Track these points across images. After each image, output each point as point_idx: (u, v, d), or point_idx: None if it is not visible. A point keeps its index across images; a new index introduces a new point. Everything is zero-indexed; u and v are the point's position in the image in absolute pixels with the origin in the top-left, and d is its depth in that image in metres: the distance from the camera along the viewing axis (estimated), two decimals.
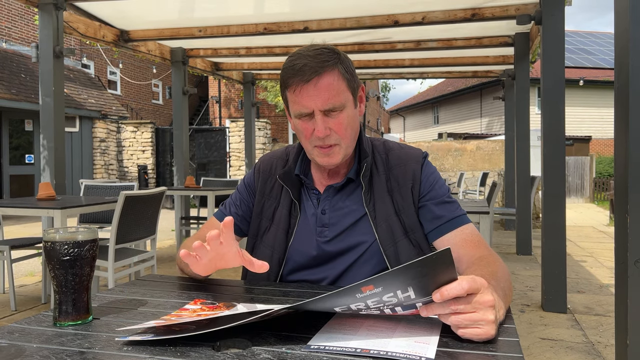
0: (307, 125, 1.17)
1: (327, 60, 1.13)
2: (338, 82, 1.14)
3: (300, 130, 1.19)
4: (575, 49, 24.09)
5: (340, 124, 1.16)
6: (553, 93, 3.80)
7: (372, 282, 0.75)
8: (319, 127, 1.14)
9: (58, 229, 0.90)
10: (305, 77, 1.12)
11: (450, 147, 12.37)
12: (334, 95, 1.13)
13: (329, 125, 1.15)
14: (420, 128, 30.48)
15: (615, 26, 2.09)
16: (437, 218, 1.21)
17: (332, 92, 1.13)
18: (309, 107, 1.14)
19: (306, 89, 1.12)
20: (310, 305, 0.80)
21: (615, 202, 2.11)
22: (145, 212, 3.38)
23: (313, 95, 1.12)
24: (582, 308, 3.88)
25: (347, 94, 1.16)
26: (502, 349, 0.75)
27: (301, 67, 1.12)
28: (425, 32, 6.17)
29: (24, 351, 0.76)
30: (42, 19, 4.83)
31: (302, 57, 1.13)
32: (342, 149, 1.19)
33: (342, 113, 1.16)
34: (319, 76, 1.12)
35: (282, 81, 1.17)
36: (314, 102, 1.13)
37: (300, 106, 1.15)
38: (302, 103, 1.14)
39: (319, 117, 1.14)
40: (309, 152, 1.22)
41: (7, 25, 13.84)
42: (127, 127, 13.15)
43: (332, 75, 1.13)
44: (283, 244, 1.26)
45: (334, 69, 1.14)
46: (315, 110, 1.14)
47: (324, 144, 1.17)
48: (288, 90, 1.16)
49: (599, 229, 8.68)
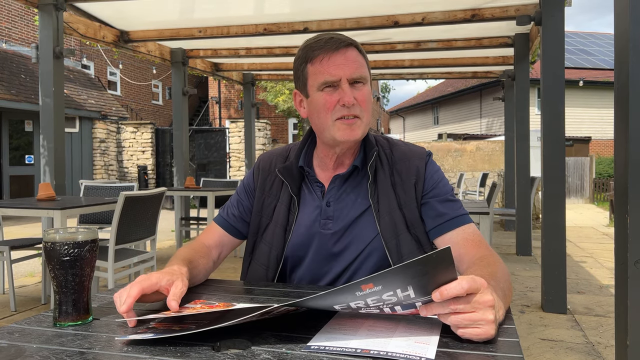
0: (331, 97, 1.18)
1: (350, 39, 1.20)
2: (360, 58, 1.20)
3: (322, 103, 1.18)
4: (575, 49, 24.11)
5: (364, 97, 1.19)
6: (553, 94, 3.80)
7: (371, 280, 0.74)
8: (347, 94, 1.16)
9: (58, 230, 0.90)
10: (333, 47, 1.17)
11: (450, 147, 12.37)
12: (360, 67, 1.18)
13: (354, 95, 1.18)
14: (420, 129, 30.49)
15: (615, 27, 2.09)
16: (439, 216, 1.21)
17: (357, 63, 1.18)
18: (336, 75, 1.16)
19: (334, 57, 1.17)
20: (310, 302, 0.80)
21: (615, 202, 2.11)
22: (145, 212, 3.38)
23: (341, 64, 1.16)
24: (582, 309, 3.88)
25: (367, 71, 1.22)
26: (502, 350, 0.75)
27: (328, 39, 1.18)
28: (425, 33, 6.18)
29: (24, 351, 0.76)
30: (42, 20, 4.83)
31: (325, 34, 1.21)
32: (363, 124, 1.20)
33: (365, 87, 1.20)
34: (347, 47, 1.18)
35: (305, 57, 1.20)
36: (343, 70, 1.16)
37: (327, 75, 1.17)
38: (330, 72, 1.16)
39: (346, 85, 1.17)
40: (329, 127, 1.19)
41: (7, 26, 13.85)
42: (127, 128, 13.15)
43: (355, 51, 1.20)
44: (281, 241, 1.26)
45: (356, 47, 1.21)
46: (343, 79, 1.16)
47: (349, 113, 1.17)
48: (312, 62, 1.19)
49: (599, 229, 8.68)
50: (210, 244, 1.31)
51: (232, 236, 1.35)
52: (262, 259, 1.28)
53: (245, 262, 1.34)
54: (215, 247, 1.32)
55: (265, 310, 0.80)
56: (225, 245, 1.34)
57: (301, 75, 1.22)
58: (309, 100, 1.22)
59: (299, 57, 1.22)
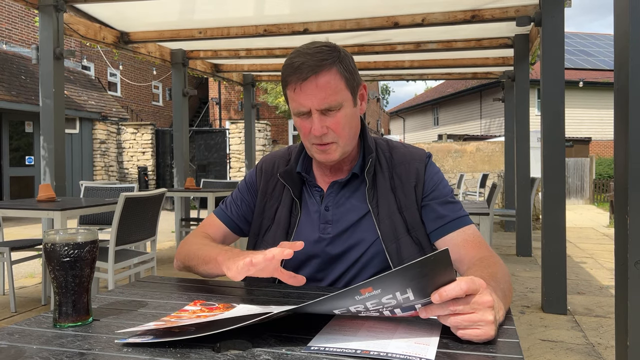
0: (305, 124, 1.18)
1: (326, 59, 1.13)
2: (336, 81, 1.14)
3: (299, 128, 1.21)
4: (575, 50, 24.11)
5: (337, 123, 1.16)
6: (553, 94, 3.80)
7: (370, 284, 0.74)
8: (315, 126, 1.15)
9: (58, 231, 0.90)
10: (302, 76, 1.12)
11: (450, 148, 12.37)
12: (331, 95, 1.13)
13: (326, 124, 1.16)
14: (420, 129, 30.49)
15: (615, 28, 2.09)
16: (440, 218, 1.21)
17: (328, 91, 1.13)
18: (305, 106, 1.15)
19: (303, 87, 1.13)
20: (309, 307, 0.81)
21: (615, 203, 2.11)
22: (145, 213, 3.38)
23: (310, 95, 1.13)
24: (582, 309, 3.87)
25: (346, 92, 1.16)
26: (502, 350, 0.75)
27: (299, 65, 1.12)
28: (425, 34, 6.18)
29: (24, 352, 0.76)
30: (42, 21, 4.83)
31: (301, 55, 1.14)
32: (340, 147, 1.19)
33: (340, 112, 1.16)
34: (316, 75, 1.12)
35: (282, 79, 1.19)
36: (311, 101, 1.13)
37: (297, 104, 1.16)
38: (299, 101, 1.15)
39: (315, 115, 1.15)
40: (308, 149, 1.23)
41: (8, 27, 13.86)
42: (127, 129, 13.15)
43: (329, 74, 1.13)
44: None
45: (332, 67, 1.13)
46: (312, 109, 1.14)
47: (321, 142, 1.18)
48: (287, 88, 1.17)
49: (599, 230, 8.68)
50: (215, 237, 1.33)
51: (232, 232, 1.36)
52: None
53: None
54: (219, 241, 1.34)
55: (264, 317, 0.80)
56: (226, 239, 1.36)
57: (285, 94, 1.22)
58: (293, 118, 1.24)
59: (281, 76, 1.20)
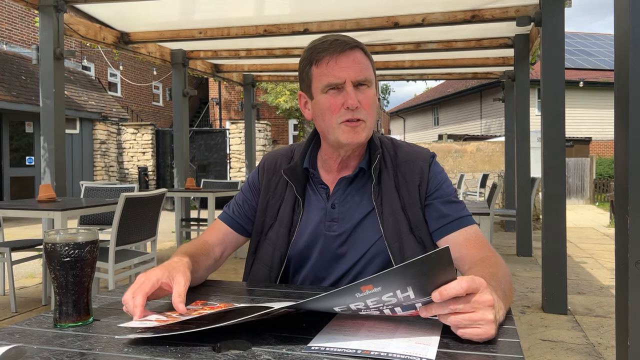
0: (335, 100, 1.17)
1: (355, 41, 1.19)
2: (366, 60, 1.19)
3: (327, 106, 1.18)
4: (575, 50, 24.11)
5: (368, 100, 1.18)
6: (553, 94, 3.80)
7: (371, 282, 0.74)
8: (351, 97, 1.15)
9: (58, 231, 0.90)
10: (338, 49, 1.16)
11: (451, 148, 12.37)
12: (365, 69, 1.18)
13: (358, 99, 1.17)
14: (420, 129, 30.49)
15: (615, 28, 2.09)
16: (442, 217, 1.21)
17: (363, 65, 1.17)
18: (341, 77, 1.16)
19: (340, 60, 1.16)
20: (310, 304, 0.81)
21: (616, 203, 2.11)
22: (145, 213, 3.38)
23: (345, 67, 1.15)
24: (583, 309, 3.87)
25: (373, 74, 1.21)
26: (502, 350, 0.75)
27: (332, 41, 1.17)
28: (425, 34, 6.18)
29: (25, 352, 0.76)
30: (42, 21, 4.83)
31: (331, 36, 1.20)
32: (367, 127, 1.20)
33: (370, 89, 1.19)
34: (352, 49, 1.17)
35: (310, 58, 1.19)
36: (347, 72, 1.15)
37: (332, 77, 1.16)
38: (335, 74, 1.16)
39: (350, 88, 1.16)
40: (333, 129, 1.19)
41: (8, 27, 13.86)
42: (128, 129, 13.15)
43: (361, 53, 1.19)
44: (285, 241, 1.26)
45: (361, 48, 1.20)
46: (347, 81, 1.16)
47: (353, 117, 1.17)
48: (317, 64, 1.18)
49: (600, 230, 8.68)
50: (213, 241, 1.30)
51: (237, 233, 1.34)
52: (266, 259, 1.28)
53: (248, 263, 1.34)
54: (219, 245, 1.31)
55: (264, 312, 0.80)
56: (229, 243, 1.34)
57: (306, 77, 1.21)
58: (313, 102, 1.22)
59: (304, 59, 1.21)
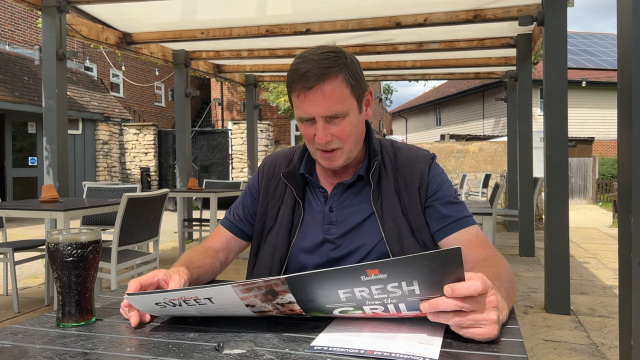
0: (309, 130, 1.17)
1: (332, 67, 1.11)
2: (341, 89, 1.12)
3: (303, 134, 1.21)
4: (578, 50, 24.06)
5: (342, 131, 1.15)
6: (556, 94, 3.80)
7: (377, 267, 0.74)
8: (319, 133, 1.14)
9: (61, 231, 0.90)
10: (307, 84, 1.11)
11: (453, 148, 12.36)
12: (336, 103, 1.12)
13: (330, 132, 1.15)
14: (422, 130, 30.46)
15: (618, 28, 2.08)
16: (443, 218, 1.21)
17: (334, 99, 1.12)
18: (310, 113, 1.14)
19: (308, 95, 1.12)
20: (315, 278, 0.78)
21: (619, 203, 2.10)
22: (147, 214, 3.39)
23: (314, 102, 1.12)
24: (586, 309, 3.86)
25: (351, 100, 1.15)
26: (505, 350, 0.75)
27: (304, 72, 1.11)
28: (427, 34, 6.17)
29: (28, 352, 0.76)
30: (45, 22, 4.84)
31: (307, 62, 1.12)
32: (345, 153, 1.19)
33: (345, 120, 1.15)
34: (322, 83, 1.10)
35: (288, 84, 1.18)
36: (315, 109, 1.13)
37: (302, 111, 1.15)
38: (304, 109, 1.14)
39: (320, 123, 1.14)
40: (313, 153, 1.23)
41: (10, 28, 13.90)
42: (130, 130, 13.17)
43: (335, 82, 1.11)
44: (285, 243, 1.26)
45: (338, 75, 1.12)
46: (317, 117, 1.14)
47: (325, 149, 1.18)
48: (292, 94, 1.16)
49: (602, 230, 8.66)
50: (217, 246, 1.32)
51: (238, 238, 1.35)
52: (266, 261, 1.28)
53: (250, 264, 1.34)
54: (222, 250, 1.32)
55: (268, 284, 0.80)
56: (232, 247, 1.35)
57: (289, 98, 1.21)
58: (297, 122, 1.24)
59: (287, 80, 1.19)
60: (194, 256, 1.21)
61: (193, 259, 1.19)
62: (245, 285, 0.82)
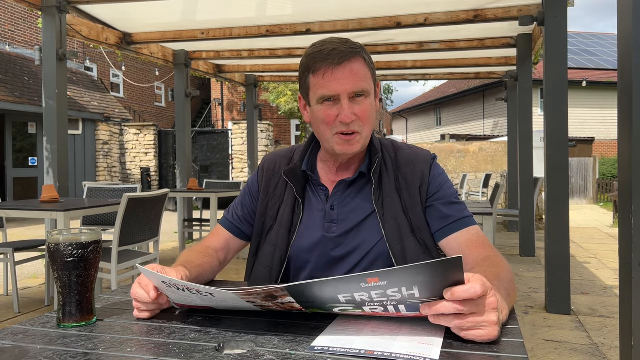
0: (330, 112, 1.17)
1: (355, 48, 1.16)
2: (364, 69, 1.17)
3: (322, 117, 1.18)
4: (578, 50, 24.05)
5: (364, 111, 1.17)
6: (556, 94, 3.79)
7: (377, 275, 0.74)
8: (345, 111, 1.15)
9: (62, 231, 0.90)
10: (335, 61, 1.13)
11: (453, 148, 12.35)
12: (362, 80, 1.16)
13: (353, 111, 1.16)
14: (422, 130, 30.46)
15: (618, 27, 2.08)
16: (444, 218, 1.21)
17: (359, 76, 1.15)
18: (336, 91, 1.15)
19: (336, 72, 1.14)
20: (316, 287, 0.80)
21: (619, 203, 2.10)
22: (148, 214, 3.39)
23: (341, 79, 1.14)
24: (586, 310, 3.86)
25: (371, 82, 1.19)
26: (506, 350, 0.75)
27: (330, 51, 1.14)
28: (428, 34, 6.17)
29: (28, 352, 0.76)
30: (45, 22, 4.85)
31: (330, 43, 1.16)
32: (362, 138, 1.19)
33: (367, 100, 1.18)
34: (349, 60, 1.14)
35: (307, 66, 1.18)
36: (343, 85, 1.14)
37: (327, 90, 1.15)
38: (330, 87, 1.15)
39: (345, 101, 1.15)
40: (328, 140, 1.21)
41: (11, 29, 13.90)
42: (130, 130, 13.17)
43: (359, 62, 1.16)
44: (285, 242, 1.26)
45: (361, 56, 1.17)
46: (342, 95, 1.15)
47: (347, 130, 1.17)
48: (314, 74, 1.16)
49: (603, 230, 8.66)
50: (215, 246, 1.31)
51: (237, 238, 1.35)
52: (266, 261, 1.28)
53: (249, 264, 1.34)
54: (221, 250, 1.32)
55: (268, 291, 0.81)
56: (231, 247, 1.35)
57: (304, 84, 1.21)
58: (310, 109, 1.22)
59: (303, 65, 1.20)
60: (191, 255, 1.21)
61: (191, 258, 1.19)
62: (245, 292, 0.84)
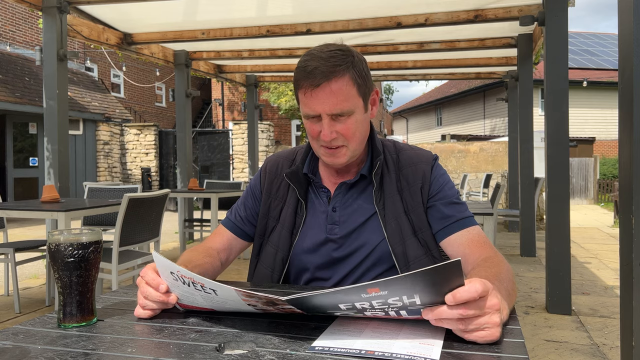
0: (314, 127, 1.18)
1: (339, 65, 1.12)
2: (348, 87, 1.13)
3: (308, 131, 1.21)
4: (579, 50, 24.04)
5: (347, 129, 1.16)
6: (557, 94, 3.79)
7: (378, 285, 0.75)
8: (324, 131, 1.15)
9: (62, 231, 0.90)
10: (314, 82, 1.12)
11: (454, 148, 12.35)
12: (342, 101, 1.13)
13: (335, 129, 1.16)
14: (423, 130, 30.45)
15: (619, 27, 2.08)
16: (445, 218, 1.22)
17: (340, 97, 1.13)
18: (316, 110, 1.15)
19: (315, 93, 1.13)
20: (316, 298, 0.80)
21: (620, 203, 2.10)
22: (148, 214, 3.39)
23: (321, 100, 1.13)
24: (587, 310, 3.86)
25: (357, 99, 1.16)
26: (507, 350, 0.75)
27: (312, 70, 1.12)
28: (428, 34, 6.17)
29: (29, 352, 0.76)
30: (46, 23, 4.85)
31: (315, 59, 1.13)
32: (349, 151, 1.20)
33: (350, 118, 1.16)
34: (329, 81, 1.12)
35: (294, 81, 1.19)
36: (322, 106, 1.13)
37: (308, 108, 1.16)
38: (310, 106, 1.15)
39: (325, 120, 1.15)
40: (316, 150, 1.24)
41: (11, 29, 13.91)
42: (131, 130, 13.18)
43: (342, 81, 1.12)
44: (287, 243, 1.26)
45: (345, 74, 1.13)
46: (323, 114, 1.14)
47: (330, 146, 1.18)
48: (299, 90, 1.17)
49: (604, 230, 8.65)
50: (218, 247, 1.32)
51: (240, 238, 1.36)
52: (268, 261, 1.28)
53: (251, 264, 1.35)
54: (223, 250, 1.32)
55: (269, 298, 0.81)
56: (233, 248, 1.35)
57: (296, 95, 1.22)
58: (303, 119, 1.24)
59: (294, 77, 1.20)
60: (193, 255, 1.22)
61: (192, 258, 1.20)
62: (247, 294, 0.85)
